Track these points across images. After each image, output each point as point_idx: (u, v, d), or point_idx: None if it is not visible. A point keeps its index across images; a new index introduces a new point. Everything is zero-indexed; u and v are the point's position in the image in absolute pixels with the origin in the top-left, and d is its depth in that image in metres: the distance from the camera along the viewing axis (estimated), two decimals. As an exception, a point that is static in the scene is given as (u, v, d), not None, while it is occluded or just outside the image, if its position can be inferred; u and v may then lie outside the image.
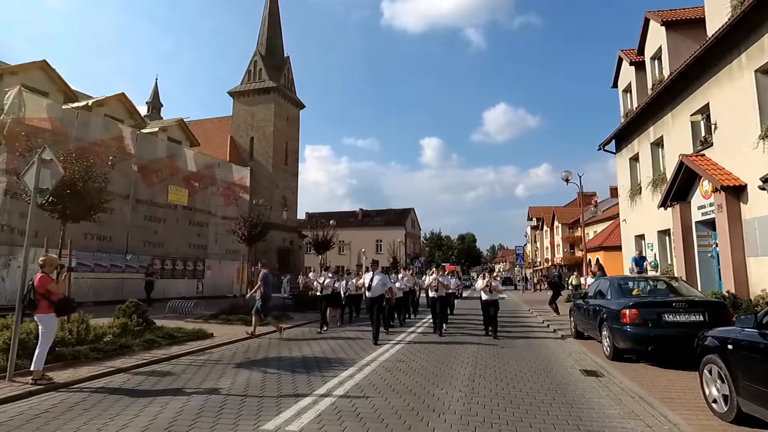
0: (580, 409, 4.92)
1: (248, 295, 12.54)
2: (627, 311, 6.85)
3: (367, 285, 9.74)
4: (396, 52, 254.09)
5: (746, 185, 10.44)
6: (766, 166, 9.65)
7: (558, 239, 54.10)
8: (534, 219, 67.38)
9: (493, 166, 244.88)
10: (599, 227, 39.56)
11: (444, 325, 11.33)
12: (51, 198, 7.11)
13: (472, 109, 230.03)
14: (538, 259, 64.96)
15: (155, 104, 50.76)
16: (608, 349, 7.44)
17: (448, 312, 14.15)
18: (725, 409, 4.20)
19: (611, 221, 33.76)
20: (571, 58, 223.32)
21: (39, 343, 5.58)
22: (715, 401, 4.40)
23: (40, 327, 5.65)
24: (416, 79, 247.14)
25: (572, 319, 10.32)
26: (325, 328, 11.53)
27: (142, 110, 38.42)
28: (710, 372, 4.47)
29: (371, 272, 10.11)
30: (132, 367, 6.78)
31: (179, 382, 6.06)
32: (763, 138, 10.10)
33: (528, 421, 4.52)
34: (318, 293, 12.21)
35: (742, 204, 10.71)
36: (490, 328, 10.58)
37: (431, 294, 11.52)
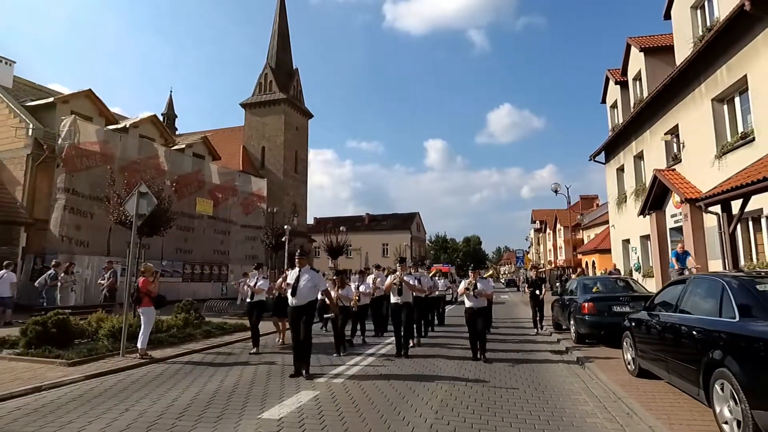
0: (539, 371, 6.83)
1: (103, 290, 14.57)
2: (586, 304, 8.74)
3: (291, 288, 6.60)
4: (399, 55, 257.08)
5: (706, 198, 12.14)
6: (720, 182, 11.37)
7: (560, 242, 55.61)
8: (537, 222, 68.97)
9: (498, 167, 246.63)
10: (599, 230, 41.02)
11: (413, 341, 9.09)
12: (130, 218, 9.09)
13: (476, 110, 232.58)
14: (542, 261, 66.44)
15: (170, 116, 52.99)
16: (574, 335, 9.31)
17: (435, 321, 12.53)
18: (633, 368, 6.08)
19: (607, 225, 35.20)
20: (576, 58, 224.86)
21: (142, 330, 7.58)
22: (629, 363, 6.28)
23: (142, 317, 7.63)
24: (420, 82, 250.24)
25: (553, 313, 12.17)
26: (256, 350, 8.60)
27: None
28: (626, 343, 6.36)
29: (297, 268, 6.72)
30: (202, 349, 8.80)
31: (243, 359, 8.02)
32: (717, 158, 11.85)
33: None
34: (248, 299, 9.18)
35: (704, 214, 12.39)
36: (478, 347, 7.86)
37: (392, 299, 8.49)
